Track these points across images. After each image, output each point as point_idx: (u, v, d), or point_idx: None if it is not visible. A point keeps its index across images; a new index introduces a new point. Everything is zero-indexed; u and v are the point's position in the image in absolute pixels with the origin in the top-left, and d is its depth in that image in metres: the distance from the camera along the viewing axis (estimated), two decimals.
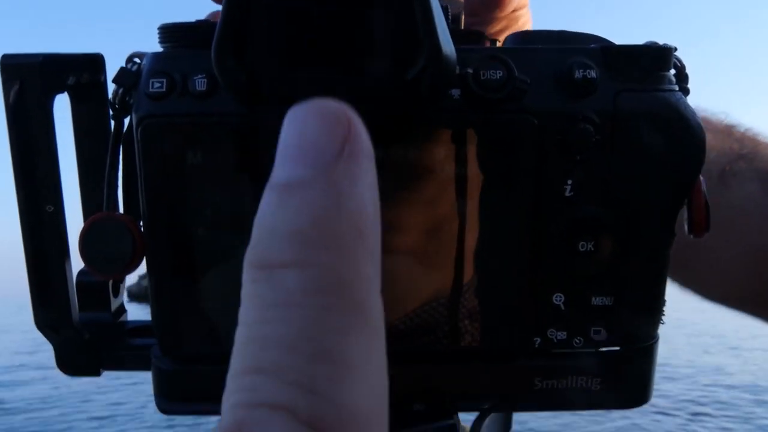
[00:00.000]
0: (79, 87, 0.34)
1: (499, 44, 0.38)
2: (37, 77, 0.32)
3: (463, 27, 0.43)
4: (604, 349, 0.34)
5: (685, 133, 0.31)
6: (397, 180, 0.31)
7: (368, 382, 0.15)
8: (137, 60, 0.32)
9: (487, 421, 0.35)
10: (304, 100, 0.16)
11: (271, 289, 0.15)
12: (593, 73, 0.31)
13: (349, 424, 0.14)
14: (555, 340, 0.34)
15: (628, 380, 0.35)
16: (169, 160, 0.31)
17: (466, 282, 0.32)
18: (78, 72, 0.34)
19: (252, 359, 0.15)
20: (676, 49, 0.33)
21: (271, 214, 0.16)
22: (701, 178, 0.33)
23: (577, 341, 0.34)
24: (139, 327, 0.38)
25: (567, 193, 0.32)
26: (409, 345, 0.33)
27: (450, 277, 0.33)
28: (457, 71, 0.30)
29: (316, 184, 0.15)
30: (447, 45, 0.27)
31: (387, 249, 0.17)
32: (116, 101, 0.32)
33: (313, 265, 0.15)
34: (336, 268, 0.15)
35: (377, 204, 0.17)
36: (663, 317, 0.34)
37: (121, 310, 0.39)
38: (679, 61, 0.33)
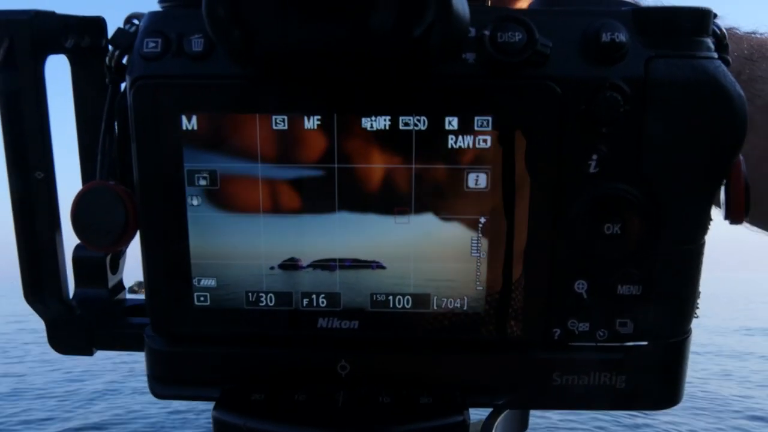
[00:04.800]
0: (78, 50, 0.33)
1: None
2: (27, 35, 0.31)
3: None
4: (630, 343, 0.31)
5: (724, 106, 0.28)
6: (405, 150, 0.29)
7: None
8: (136, 21, 0.31)
9: (500, 419, 0.32)
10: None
11: None
12: (622, 37, 0.28)
13: None
14: (576, 332, 0.31)
15: (657, 379, 0.32)
16: (162, 124, 0.29)
17: (478, 265, 0.30)
18: (78, 35, 0.33)
19: None
20: (716, 16, 0.30)
21: None
22: (741, 157, 0.30)
23: (601, 334, 0.31)
24: (139, 306, 0.37)
25: (591, 170, 0.29)
26: (415, 333, 0.31)
27: (462, 260, 0.30)
28: (473, 33, 0.28)
29: None
30: (458, 1, 0.25)
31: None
32: (112, 64, 0.31)
33: None
34: None
35: None
36: (697, 310, 0.31)
37: (119, 287, 0.37)
38: (719, 29, 0.30)
